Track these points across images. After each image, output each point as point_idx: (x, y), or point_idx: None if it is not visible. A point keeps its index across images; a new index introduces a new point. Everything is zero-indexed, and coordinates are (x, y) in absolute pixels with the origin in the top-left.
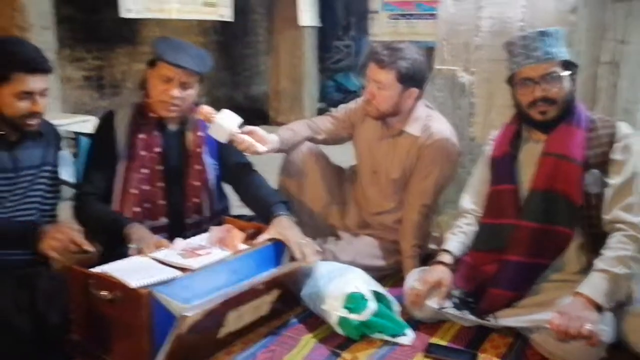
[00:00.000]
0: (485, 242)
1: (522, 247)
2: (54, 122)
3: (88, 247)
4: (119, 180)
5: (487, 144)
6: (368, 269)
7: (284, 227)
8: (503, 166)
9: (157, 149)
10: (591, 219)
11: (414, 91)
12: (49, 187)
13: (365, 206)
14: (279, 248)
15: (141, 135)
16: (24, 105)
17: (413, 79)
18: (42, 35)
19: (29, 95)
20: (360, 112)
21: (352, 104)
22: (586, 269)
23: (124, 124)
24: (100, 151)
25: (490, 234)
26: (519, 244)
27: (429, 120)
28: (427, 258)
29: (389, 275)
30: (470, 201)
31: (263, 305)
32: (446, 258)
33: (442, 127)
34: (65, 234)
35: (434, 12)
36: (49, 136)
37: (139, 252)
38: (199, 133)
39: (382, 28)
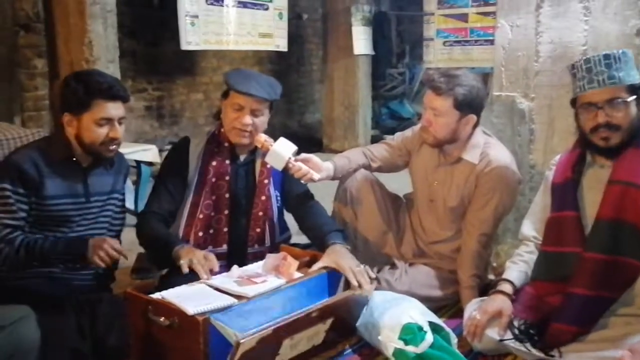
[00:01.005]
0: (547, 271)
1: (587, 279)
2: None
3: (125, 254)
4: (186, 205)
5: (549, 169)
6: (424, 300)
7: (338, 255)
8: (565, 192)
9: (227, 177)
10: None
11: (472, 118)
12: (116, 214)
13: (422, 235)
14: (333, 277)
15: (213, 163)
16: (103, 132)
17: (470, 105)
18: (108, 68)
19: (107, 121)
20: (416, 139)
21: (408, 132)
22: None
23: (197, 150)
24: (170, 174)
25: (552, 263)
26: (584, 275)
27: (487, 148)
28: (486, 288)
29: (447, 306)
30: (532, 228)
31: (318, 334)
32: (506, 287)
33: (500, 154)
34: (107, 242)
35: (489, 37)
36: (119, 164)
37: (189, 266)
38: (267, 165)
39: (436, 55)
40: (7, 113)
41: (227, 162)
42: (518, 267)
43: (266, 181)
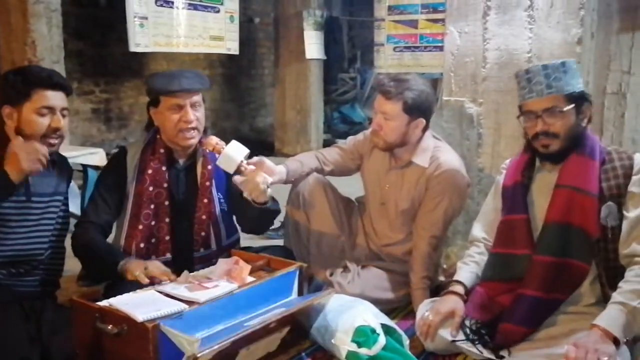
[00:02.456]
0: (497, 272)
1: (537, 281)
2: (63, 154)
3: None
4: (125, 216)
5: (500, 173)
6: (377, 302)
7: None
8: (515, 195)
9: (165, 185)
10: (607, 252)
11: (421, 122)
12: (60, 217)
13: (374, 238)
14: (287, 281)
15: (149, 171)
16: (44, 122)
17: (419, 109)
18: (53, 68)
19: (49, 110)
20: (367, 143)
21: (360, 136)
22: (601, 301)
23: (134, 161)
24: (108, 185)
25: (503, 264)
26: (534, 278)
27: (437, 151)
28: (436, 290)
29: (399, 308)
30: (482, 230)
31: (274, 342)
32: (458, 288)
33: (450, 157)
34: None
35: (438, 44)
36: (61, 167)
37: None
38: (208, 166)
39: (387, 60)
40: None
41: (164, 168)
42: (469, 267)
43: (208, 183)
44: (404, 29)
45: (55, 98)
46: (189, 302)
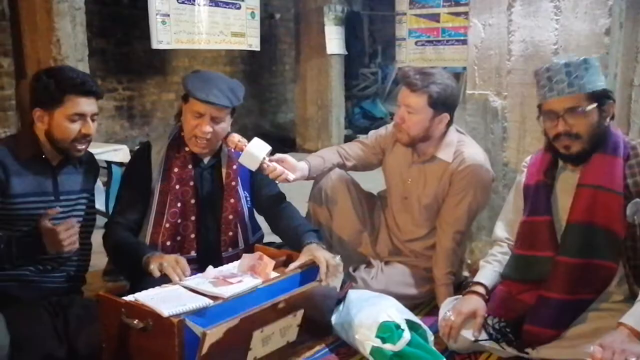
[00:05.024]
0: (520, 273)
1: (561, 283)
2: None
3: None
4: (151, 213)
5: (521, 172)
6: (400, 298)
7: (314, 251)
8: (537, 196)
9: (191, 183)
10: (636, 251)
11: (445, 117)
12: (87, 214)
13: (397, 233)
14: (310, 275)
15: (175, 169)
16: (75, 128)
17: (444, 104)
18: (77, 67)
19: (80, 117)
20: (390, 138)
21: (382, 130)
22: (629, 298)
23: (159, 157)
24: (133, 183)
25: (525, 266)
26: (558, 280)
27: (461, 146)
28: (460, 285)
29: (422, 304)
30: (504, 230)
31: (289, 328)
32: (480, 288)
33: (474, 152)
34: (59, 232)
35: (460, 38)
36: (89, 164)
37: (160, 270)
38: (233, 166)
39: (408, 55)
40: None
41: (190, 167)
42: (491, 267)
43: (233, 183)
44: (426, 23)
45: (87, 104)
46: (214, 298)
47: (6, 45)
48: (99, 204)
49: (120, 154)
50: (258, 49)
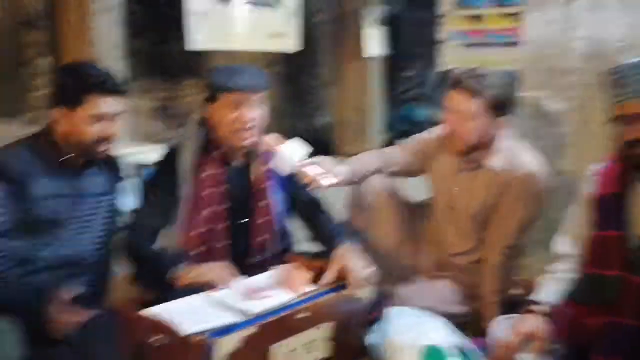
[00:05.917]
0: (587, 294)
1: (634, 307)
2: (121, 151)
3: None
4: (180, 220)
5: (587, 180)
6: (444, 316)
7: (344, 258)
8: (608, 209)
9: (221, 187)
10: None
11: (503, 120)
12: (108, 217)
13: (441, 246)
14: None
15: (204, 173)
16: (96, 129)
17: (503, 106)
18: (112, 66)
19: (101, 118)
20: (435, 143)
21: (425, 135)
22: None
23: (187, 161)
24: (159, 187)
25: (593, 286)
26: (630, 303)
27: (514, 153)
28: (510, 305)
29: (468, 323)
30: (567, 244)
31: (314, 343)
32: (539, 307)
33: (528, 159)
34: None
35: (507, 39)
36: (112, 165)
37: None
38: (265, 167)
39: (451, 57)
40: (10, 112)
41: (220, 170)
42: (551, 285)
43: (265, 185)
44: (470, 24)
45: (109, 104)
46: (241, 314)
47: (44, 45)
48: (129, 205)
49: (153, 154)
50: (296, 50)
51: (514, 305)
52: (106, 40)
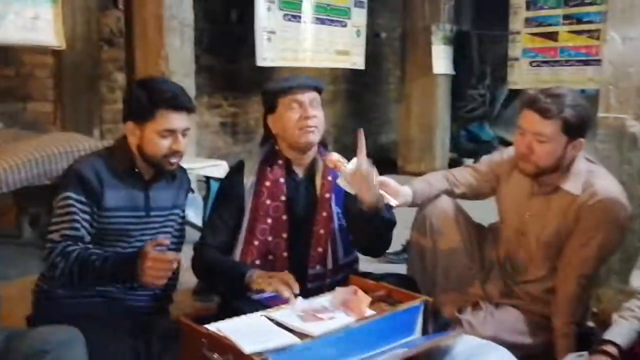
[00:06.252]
0: None
1: None
2: (187, 165)
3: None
4: (241, 232)
5: None
6: (512, 347)
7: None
8: None
9: (283, 198)
10: None
11: (580, 142)
12: (177, 230)
13: (511, 272)
14: (411, 317)
15: (267, 184)
16: (165, 144)
17: (580, 128)
18: (183, 82)
19: (171, 133)
20: (507, 165)
21: (496, 156)
22: None
23: (252, 173)
24: (225, 202)
25: None
26: None
27: (592, 177)
28: (584, 338)
29: (536, 356)
30: None
31: None
32: (612, 348)
33: (607, 184)
34: (155, 259)
35: (581, 57)
36: (181, 179)
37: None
38: (328, 178)
39: (522, 76)
40: (87, 125)
41: (282, 180)
42: (628, 324)
43: (327, 195)
44: (543, 42)
45: (178, 120)
46: (301, 335)
47: (121, 61)
48: (197, 219)
49: (220, 169)
50: (363, 67)
51: (586, 339)
52: (178, 57)
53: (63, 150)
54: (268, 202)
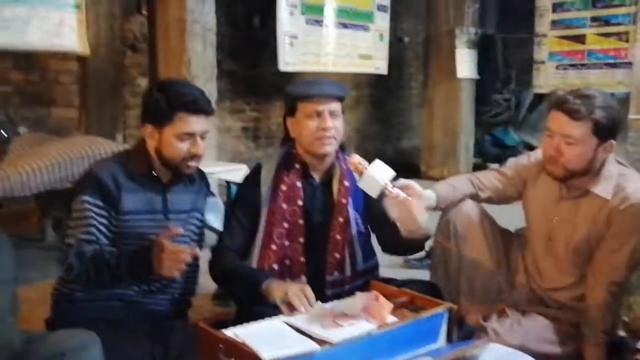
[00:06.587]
0: None
1: None
2: (208, 169)
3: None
4: (258, 236)
5: None
6: (540, 357)
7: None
8: None
9: (300, 202)
10: None
11: (610, 144)
12: (195, 234)
13: (538, 279)
14: (434, 324)
15: (283, 188)
16: (184, 147)
17: (611, 130)
18: (205, 87)
19: (189, 136)
20: (534, 168)
21: (523, 159)
22: None
23: (269, 177)
24: (242, 206)
25: None
26: None
27: (623, 180)
28: (614, 347)
29: None
30: None
31: None
32: None
33: (638, 187)
34: (171, 251)
35: (609, 60)
36: (200, 182)
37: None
38: (346, 183)
39: (548, 79)
40: (110, 130)
41: (299, 184)
42: None
43: (344, 201)
44: (569, 45)
45: (197, 123)
46: (321, 341)
47: (144, 66)
48: (217, 223)
49: (240, 173)
50: (385, 72)
51: (617, 349)
52: (200, 61)
53: (85, 154)
54: (284, 206)
